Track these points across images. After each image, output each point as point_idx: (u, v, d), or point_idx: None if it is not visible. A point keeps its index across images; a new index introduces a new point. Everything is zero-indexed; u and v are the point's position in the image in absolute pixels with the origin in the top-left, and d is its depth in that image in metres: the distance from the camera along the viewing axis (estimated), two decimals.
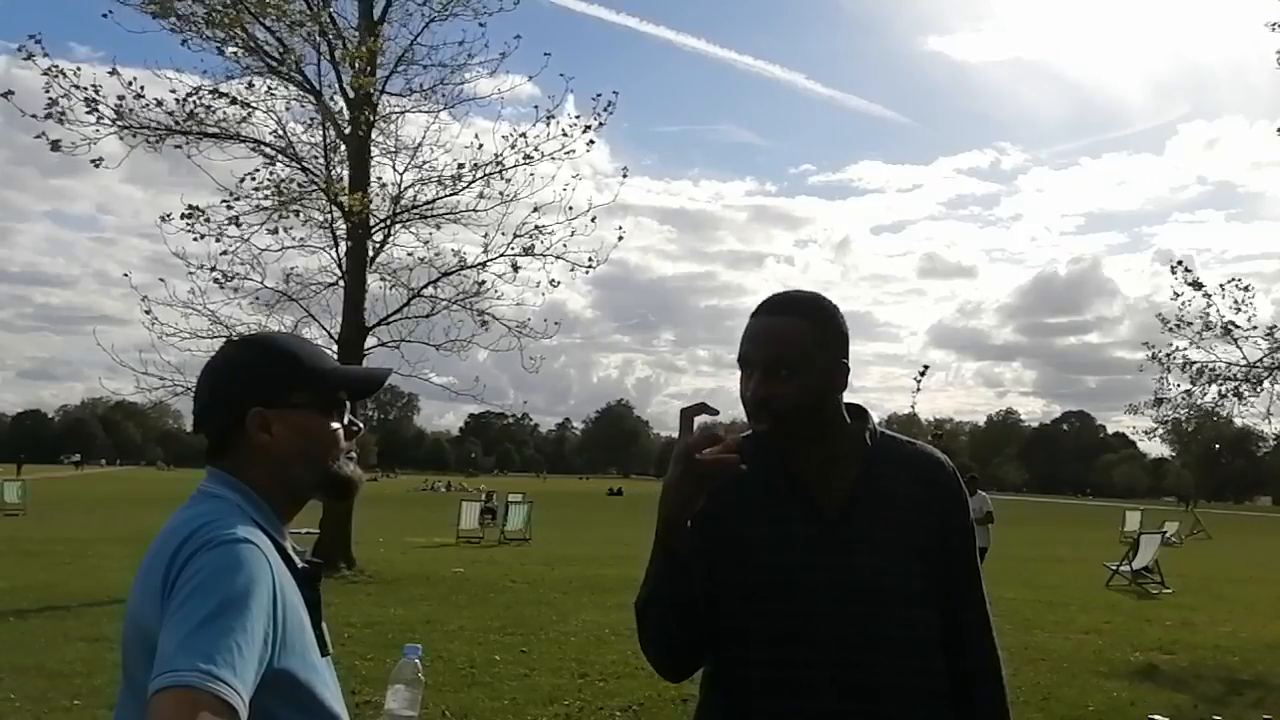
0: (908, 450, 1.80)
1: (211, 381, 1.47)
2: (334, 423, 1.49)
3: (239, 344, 1.57)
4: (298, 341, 1.57)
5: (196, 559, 1.26)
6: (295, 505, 1.50)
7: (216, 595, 1.21)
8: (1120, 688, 7.82)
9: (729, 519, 1.71)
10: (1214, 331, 13.34)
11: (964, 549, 1.79)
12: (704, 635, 1.76)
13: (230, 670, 1.15)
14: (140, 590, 1.33)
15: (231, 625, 1.19)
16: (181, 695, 1.11)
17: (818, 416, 1.72)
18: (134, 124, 12.96)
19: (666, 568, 1.68)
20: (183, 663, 1.14)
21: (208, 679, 1.13)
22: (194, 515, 1.36)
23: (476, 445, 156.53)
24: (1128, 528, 27.84)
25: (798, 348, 1.68)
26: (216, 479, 1.43)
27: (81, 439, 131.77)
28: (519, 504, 23.41)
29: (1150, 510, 42.03)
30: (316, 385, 1.47)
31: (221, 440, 1.44)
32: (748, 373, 1.69)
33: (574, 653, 8.36)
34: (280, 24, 13.63)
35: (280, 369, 1.46)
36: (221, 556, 1.26)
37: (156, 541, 1.36)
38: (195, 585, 1.22)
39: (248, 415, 1.41)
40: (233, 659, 1.16)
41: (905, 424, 46.58)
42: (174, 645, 1.16)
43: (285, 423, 1.43)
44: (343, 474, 1.50)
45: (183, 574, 1.25)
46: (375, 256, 14.79)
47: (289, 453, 1.44)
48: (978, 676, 1.76)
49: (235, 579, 1.24)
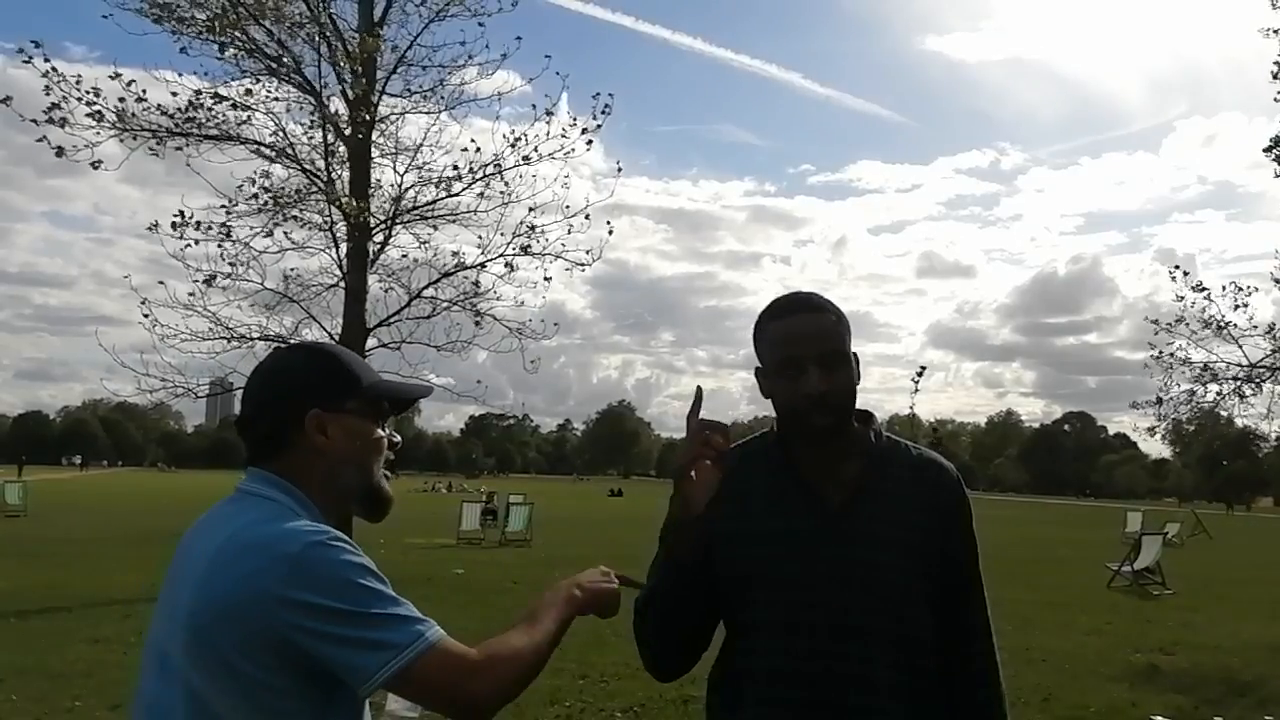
0: (911, 453, 1.82)
1: (271, 383, 1.52)
2: (379, 430, 1.56)
3: (298, 350, 1.62)
4: (347, 352, 1.63)
5: (308, 567, 1.31)
6: (339, 509, 1.54)
7: (350, 583, 1.33)
8: (1121, 688, 7.82)
9: (734, 514, 1.73)
10: (1211, 329, 13.38)
11: (966, 552, 1.80)
12: (699, 638, 1.78)
13: (414, 614, 1.37)
14: (200, 590, 1.33)
15: (379, 592, 1.36)
16: (418, 665, 1.31)
17: (853, 411, 1.76)
18: (135, 127, 12.96)
19: (670, 571, 1.70)
20: (397, 639, 1.31)
21: (419, 638, 1.33)
22: (254, 521, 1.38)
23: (477, 446, 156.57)
24: (1129, 528, 27.82)
25: (841, 342, 1.73)
26: (262, 479, 1.47)
27: (82, 440, 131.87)
28: (520, 505, 23.40)
29: (1151, 511, 42.03)
30: (367, 394, 1.54)
31: (271, 441, 1.48)
32: (794, 372, 1.70)
33: (574, 653, 8.36)
34: (280, 26, 13.62)
35: (340, 376, 1.53)
36: (326, 553, 1.35)
37: (212, 548, 1.36)
38: (331, 588, 1.32)
39: (306, 416, 1.46)
40: (403, 607, 1.36)
41: (905, 425, 46.61)
42: (370, 638, 1.31)
43: (340, 426, 1.50)
44: (383, 488, 1.57)
45: (299, 588, 1.30)
46: (376, 258, 14.79)
47: (341, 455, 1.50)
48: (977, 679, 1.77)
49: (350, 567, 1.36)
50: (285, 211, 14.02)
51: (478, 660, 1.36)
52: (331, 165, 14.48)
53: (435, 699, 1.36)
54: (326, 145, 14.48)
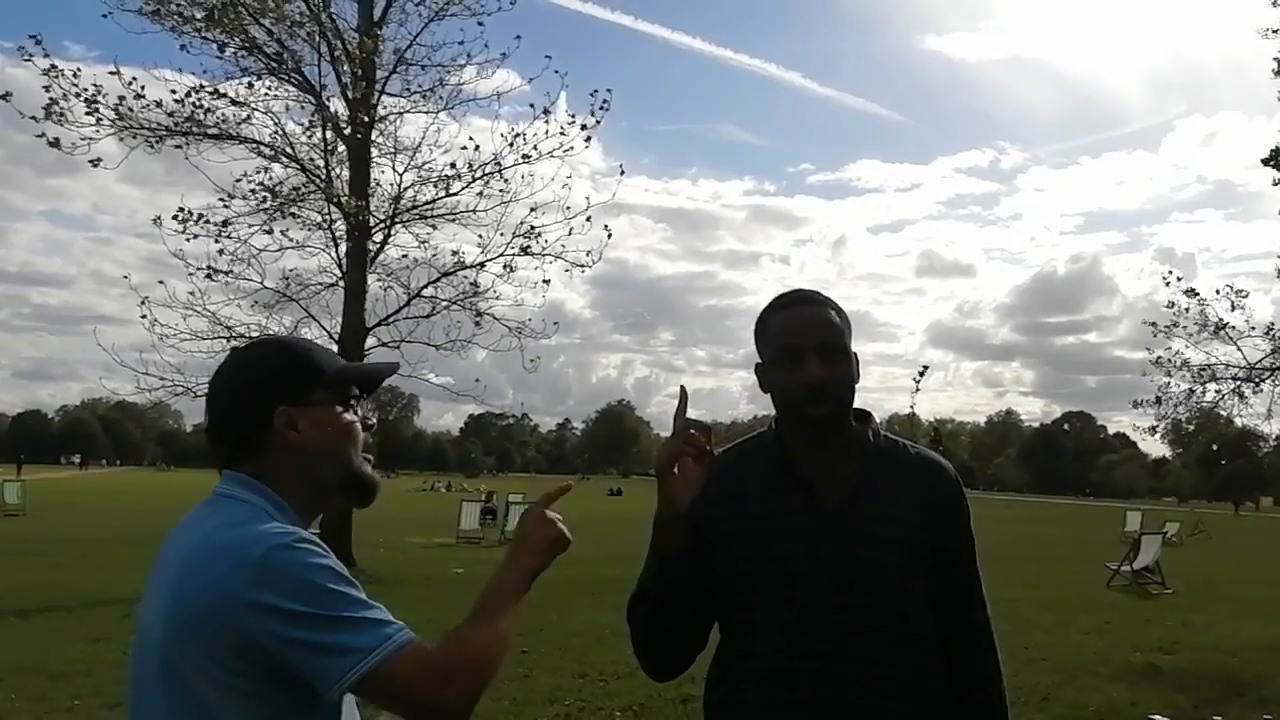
0: (910, 453, 1.82)
1: (235, 385, 1.48)
2: (349, 415, 1.52)
3: (256, 347, 1.59)
4: (307, 341, 1.61)
5: (272, 571, 1.28)
6: (319, 506, 1.51)
7: (316, 586, 1.29)
8: (1121, 688, 7.82)
9: (732, 512, 1.73)
10: (1208, 331, 13.42)
11: (964, 551, 1.80)
12: (691, 636, 1.78)
13: (384, 617, 1.31)
14: (172, 597, 1.33)
15: (346, 594, 1.30)
16: (385, 669, 1.27)
17: (851, 406, 1.76)
18: (133, 125, 12.96)
19: (657, 567, 1.70)
20: (363, 643, 1.28)
21: (387, 640, 1.28)
22: (224, 525, 1.36)
23: (476, 445, 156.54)
24: (1128, 528, 27.82)
25: (840, 335, 1.73)
26: (237, 482, 1.44)
27: (82, 439, 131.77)
28: (519, 505, 23.40)
29: (1151, 511, 42.03)
30: (332, 381, 1.50)
31: (244, 444, 1.45)
32: (792, 362, 1.70)
33: (574, 653, 8.36)
34: (279, 25, 13.62)
35: (301, 368, 1.49)
36: (290, 556, 1.30)
37: (184, 551, 1.36)
38: (296, 592, 1.28)
39: (275, 413, 1.44)
40: (371, 610, 1.31)
41: (904, 424, 46.66)
42: (336, 642, 1.27)
43: (309, 418, 1.46)
44: (366, 473, 1.53)
45: (264, 591, 1.27)
46: (375, 257, 14.79)
47: (315, 448, 1.46)
48: (977, 679, 1.77)
49: (316, 570, 1.31)
50: (285, 209, 14.03)
51: (448, 664, 1.32)
52: (331, 164, 14.49)
53: (404, 704, 1.32)
54: (326, 144, 14.49)
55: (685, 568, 1.70)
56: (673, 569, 1.70)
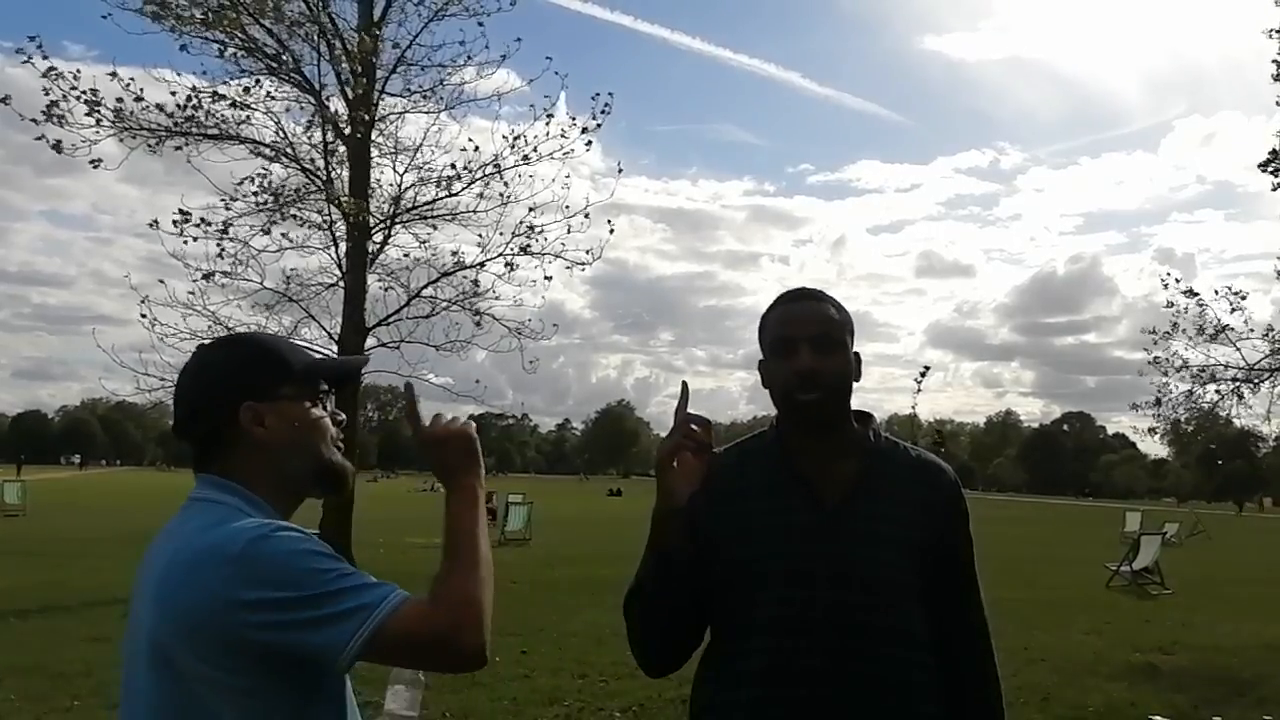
0: (910, 454, 1.83)
1: (200, 383, 1.47)
2: (318, 410, 1.51)
3: (220, 345, 1.59)
4: (274, 337, 1.61)
5: (254, 564, 1.27)
6: (293, 501, 1.51)
7: (301, 569, 1.29)
8: (1120, 688, 7.82)
9: (732, 511, 1.73)
10: (1207, 334, 13.44)
11: (963, 552, 1.81)
12: (687, 633, 1.78)
13: (377, 581, 1.33)
14: (156, 606, 1.32)
15: (333, 570, 1.30)
16: (392, 623, 1.27)
17: (846, 402, 1.77)
18: (133, 126, 12.96)
19: (655, 562, 1.71)
20: (364, 601, 1.28)
21: (387, 597, 1.30)
22: (200, 529, 1.35)
23: None
24: (1128, 528, 27.83)
25: (837, 330, 1.75)
26: (208, 484, 1.43)
27: (82, 439, 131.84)
28: (519, 505, 23.40)
29: (1150, 511, 42.04)
30: (300, 376, 1.50)
31: (211, 443, 1.45)
32: (786, 352, 1.72)
33: (574, 653, 8.37)
34: (279, 25, 13.61)
35: (268, 363, 1.48)
36: (268, 546, 1.29)
37: (163, 557, 1.35)
38: (283, 579, 1.27)
39: (240, 410, 1.43)
40: (360, 579, 1.31)
41: (905, 425, 46.66)
42: (335, 611, 1.27)
43: (276, 414, 1.45)
44: (335, 461, 1.52)
45: (250, 586, 1.26)
46: (375, 257, 14.78)
47: (283, 443, 1.45)
48: (974, 679, 1.78)
49: (297, 554, 1.31)
50: (285, 210, 14.02)
51: (450, 606, 1.32)
52: (331, 164, 14.48)
53: (422, 654, 1.33)
54: (326, 144, 14.47)
55: (683, 563, 1.70)
56: (670, 564, 1.70)
